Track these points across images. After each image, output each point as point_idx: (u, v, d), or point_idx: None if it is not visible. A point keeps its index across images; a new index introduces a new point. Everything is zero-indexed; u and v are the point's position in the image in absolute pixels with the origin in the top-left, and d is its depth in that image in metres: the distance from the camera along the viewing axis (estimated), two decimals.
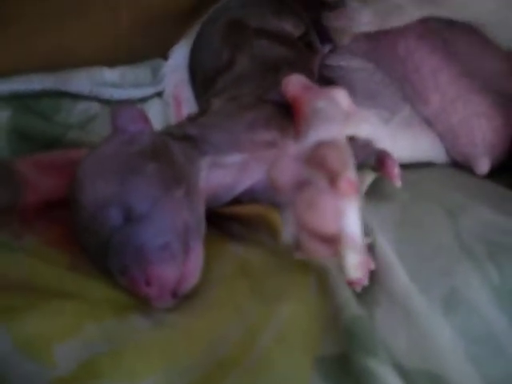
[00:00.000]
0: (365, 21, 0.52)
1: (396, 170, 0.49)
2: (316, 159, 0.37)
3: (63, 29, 0.55)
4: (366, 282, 0.42)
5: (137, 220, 0.40)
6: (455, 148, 0.57)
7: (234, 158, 0.46)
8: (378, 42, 0.57)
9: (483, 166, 0.56)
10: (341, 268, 0.36)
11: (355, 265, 0.35)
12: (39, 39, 0.55)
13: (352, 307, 0.40)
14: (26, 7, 0.51)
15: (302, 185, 0.36)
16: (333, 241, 0.35)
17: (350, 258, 0.35)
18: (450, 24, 0.52)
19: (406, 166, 0.53)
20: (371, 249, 0.44)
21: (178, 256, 0.40)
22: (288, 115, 0.46)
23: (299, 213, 0.36)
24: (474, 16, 0.50)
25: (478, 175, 0.57)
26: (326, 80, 0.59)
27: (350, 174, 0.36)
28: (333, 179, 0.35)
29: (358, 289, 0.42)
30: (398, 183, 0.49)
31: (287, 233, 0.36)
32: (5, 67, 0.56)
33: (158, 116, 0.61)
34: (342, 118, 0.42)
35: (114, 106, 0.57)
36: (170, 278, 0.39)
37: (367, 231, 0.45)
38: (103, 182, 0.41)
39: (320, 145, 0.38)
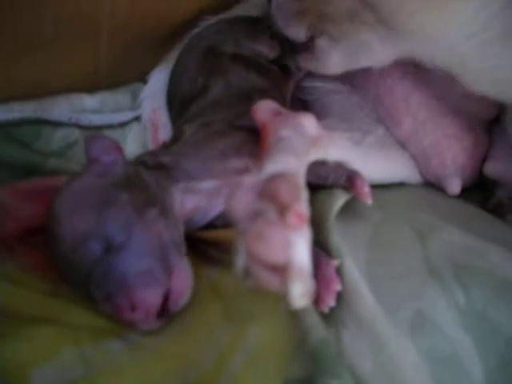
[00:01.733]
0: (333, 62, 0.52)
1: (366, 189, 0.50)
2: (268, 191, 0.38)
3: (43, 56, 0.56)
4: (332, 303, 0.44)
5: (116, 249, 0.41)
6: (427, 169, 0.58)
7: (207, 185, 0.47)
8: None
9: (454, 186, 0.57)
10: (286, 297, 0.36)
11: (301, 294, 0.35)
12: (18, 68, 0.56)
13: (319, 330, 0.42)
14: (2, 35, 0.51)
15: (254, 216, 0.37)
16: (281, 271, 0.36)
17: (296, 287, 0.35)
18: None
19: (378, 187, 0.54)
20: (339, 271, 0.45)
21: (160, 278, 0.41)
22: (258, 141, 0.47)
23: (249, 243, 0.37)
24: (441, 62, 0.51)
25: (449, 195, 0.58)
26: (300, 102, 0.60)
27: (299, 206, 0.37)
28: (282, 211, 0.36)
29: (325, 309, 0.44)
30: (369, 201, 0.50)
31: (239, 262, 0.37)
32: None
33: (137, 140, 0.63)
34: (307, 145, 0.44)
35: (88, 135, 0.58)
36: (154, 301, 0.40)
37: (337, 254, 0.47)
38: (80, 215, 0.42)
39: (274, 177, 0.39)
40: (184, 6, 0.62)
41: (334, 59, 0.52)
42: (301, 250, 0.36)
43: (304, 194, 0.38)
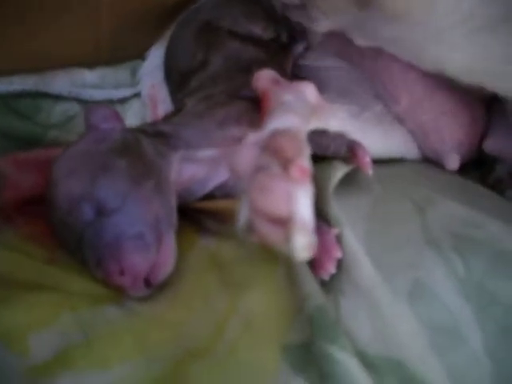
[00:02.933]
0: (323, 25, 0.54)
1: (367, 159, 0.50)
2: (272, 146, 0.38)
3: (43, 31, 0.56)
4: (333, 270, 0.44)
5: (108, 214, 0.42)
6: (425, 145, 0.58)
7: (206, 153, 0.48)
8: (349, 44, 0.57)
9: (453, 161, 0.57)
10: (289, 249, 0.36)
11: (303, 246, 0.36)
12: (19, 41, 0.56)
13: (317, 296, 0.42)
14: (6, 9, 0.52)
15: (257, 170, 0.38)
16: (284, 224, 0.36)
17: (299, 239, 0.36)
18: None
19: (378, 161, 0.53)
20: (339, 239, 0.46)
21: (150, 246, 0.42)
22: (258, 111, 0.47)
23: (252, 196, 0.37)
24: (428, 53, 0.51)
25: (448, 170, 0.57)
26: (300, 78, 0.60)
27: (302, 161, 0.37)
28: (286, 165, 0.37)
29: (326, 277, 0.44)
30: (369, 172, 0.50)
31: (242, 217, 0.37)
32: None
33: (136, 116, 0.63)
34: (308, 111, 0.44)
35: (90, 104, 0.59)
36: (142, 267, 0.41)
37: (336, 224, 0.47)
38: (75, 179, 0.43)
39: (277, 133, 0.39)
40: None
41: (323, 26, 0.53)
42: (303, 204, 0.36)
43: (307, 151, 0.39)
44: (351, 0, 0.50)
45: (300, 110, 0.43)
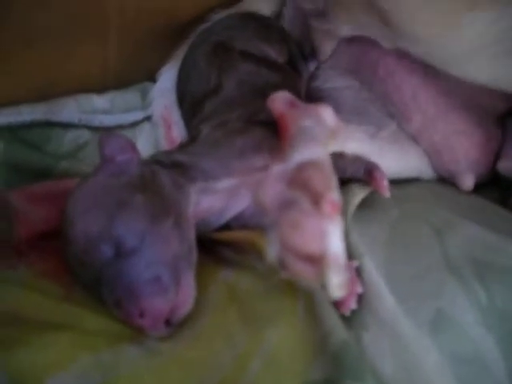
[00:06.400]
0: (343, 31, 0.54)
1: (385, 182, 0.50)
2: (300, 180, 0.38)
3: (51, 57, 0.55)
4: (354, 306, 0.44)
5: (127, 254, 0.40)
6: (440, 164, 0.58)
7: (224, 184, 0.47)
8: (360, 63, 0.58)
9: (468, 181, 0.56)
10: (324, 288, 0.36)
11: (338, 284, 0.36)
12: (26, 70, 0.55)
13: (340, 332, 0.41)
14: (12, 36, 0.51)
15: (286, 205, 0.37)
16: (316, 261, 0.36)
17: (333, 277, 0.35)
18: None
19: (393, 182, 0.53)
20: (359, 272, 0.45)
21: (169, 287, 0.40)
22: (277, 136, 0.46)
23: (283, 233, 0.37)
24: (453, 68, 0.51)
25: (464, 191, 0.57)
26: (314, 101, 0.59)
27: (333, 195, 0.37)
28: (316, 200, 0.36)
29: (347, 312, 0.43)
30: (387, 194, 0.50)
31: (272, 253, 0.37)
32: None
33: (148, 140, 0.62)
34: (327, 135, 0.43)
35: (103, 133, 0.58)
36: (162, 310, 0.40)
37: (356, 254, 0.46)
38: (92, 216, 0.42)
39: (304, 165, 0.39)
40: (193, 1, 0.62)
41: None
42: (336, 240, 0.36)
43: (335, 183, 0.38)
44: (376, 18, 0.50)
45: (320, 136, 0.42)
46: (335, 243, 0.36)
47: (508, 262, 0.47)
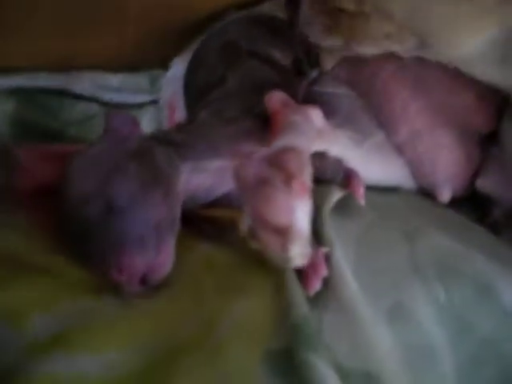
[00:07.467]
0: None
1: (361, 189, 0.53)
2: (277, 161, 0.42)
3: (72, 35, 0.61)
4: (318, 287, 0.46)
5: (116, 212, 0.44)
6: (420, 176, 0.61)
7: (214, 164, 0.51)
8: (359, 74, 0.61)
9: (445, 194, 0.60)
10: (286, 257, 0.41)
11: (299, 254, 0.41)
12: (49, 42, 0.60)
13: (302, 307, 0.44)
14: (40, 12, 0.55)
15: (262, 182, 0.42)
16: (282, 232, 0.40)
17: (295, 247, 0.40)
18: (424, 61, 0.56)
19: (374, 189, 0.57)
20: (327, 259, 0.48)
21: (149, 248, 0.44)
22: (267, 129, 0.50)
23: (256, 206, 0.41)
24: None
25: (443, 204, 0.60)
26: (310, 103, 0.63)
27: (304, 177, 0.41)
28: (289, 180, 0.41)
29: (311, 293, 0.46)
30: (362, 202, 0.53)
31: (245, 224, 0.41)
32: (16, 64, 0.61)
33: (151, 121, 0.66)
34: (313, 133, 0.48)
35: (110, 109, 0.62)
36: (139, 268, 0.43)
37: (327, 243, 0.50)
38: (89, 175, 0.46)
39: (284, 150, 0.43)
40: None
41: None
42: (302, 216, 0.41)
43: (308, 169, 0.43)
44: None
45: (306, 131, 0.47)
46: (301, 219, 0.41)
47: (468, 268, 0.50)
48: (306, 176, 0.42)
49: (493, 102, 0.58)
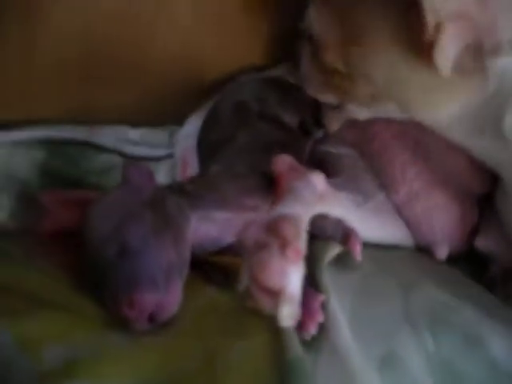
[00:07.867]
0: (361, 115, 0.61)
1: (358, 247, 0.55)
2: (275, 228, 0.46)
3: (97, 89, 0.67)
4: (314, 332, 0.49)
5: (130, 255, 0.48)
6: (418, 234, 0.64)
7: (221, 215, 0.55)
8: (362, 136, 0.65)
9: (442, 251, 0.62)
10: (276, 316, 0.44)
11: (288, 315, 0.44)
12: (74, 98, 0.67)
13: (297, 349, 0.46)
14: (66, 68, 0.64)
15: (259, 246, 0.46)
16: (275, 294, 0.44)
17: (285, 309, 0.43)
18: (422, 128, 0.59)
19: (373, 245, 0.59)
20: (324, 306, 0.51)
21: (160, 287, 0.47)
22: (271, 187, 0.55)
23: (253, 268, 0.45)
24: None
25: (438, 260, 0.63)
26: (315, 161, 0.66)
27: (299, 244, 0.46)
28: (284, 246, 0.45)
29: (307, 337, 0.48)
30: (359, 259, 0.55)
31: (242, 283, 0.45)
32: (44, 117, 0.68)
33: (167, 174, 0.70)
34: (314, 199, 0.52)
35: (128, 161, 0.68)
36: (149, 305, 0.46)
37: (324, 291, 0.52)
38: (106, 221, 0.50)
39: (282, 217, 0.48)
40: (225, 62, 0.73)
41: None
42: (294, 281, 0.44)
43: (304, 236, 0.47)
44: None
45: (306, 198, 0.51)
46: (293, 283, 0.44)
47: (457, 319, 0.53)
48: (301, 243, 0.46)
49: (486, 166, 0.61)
